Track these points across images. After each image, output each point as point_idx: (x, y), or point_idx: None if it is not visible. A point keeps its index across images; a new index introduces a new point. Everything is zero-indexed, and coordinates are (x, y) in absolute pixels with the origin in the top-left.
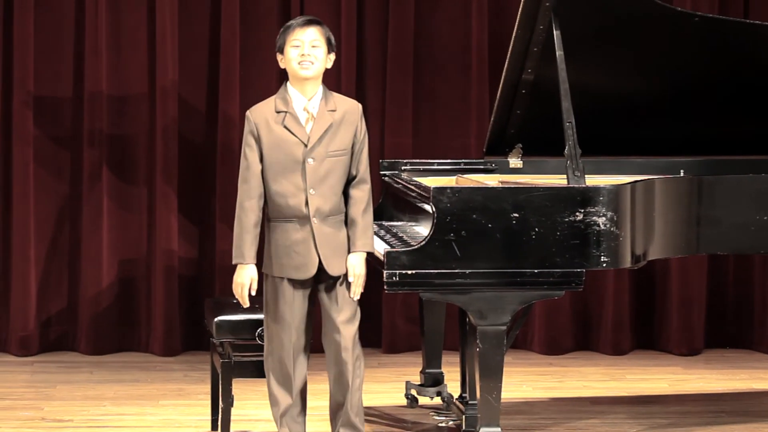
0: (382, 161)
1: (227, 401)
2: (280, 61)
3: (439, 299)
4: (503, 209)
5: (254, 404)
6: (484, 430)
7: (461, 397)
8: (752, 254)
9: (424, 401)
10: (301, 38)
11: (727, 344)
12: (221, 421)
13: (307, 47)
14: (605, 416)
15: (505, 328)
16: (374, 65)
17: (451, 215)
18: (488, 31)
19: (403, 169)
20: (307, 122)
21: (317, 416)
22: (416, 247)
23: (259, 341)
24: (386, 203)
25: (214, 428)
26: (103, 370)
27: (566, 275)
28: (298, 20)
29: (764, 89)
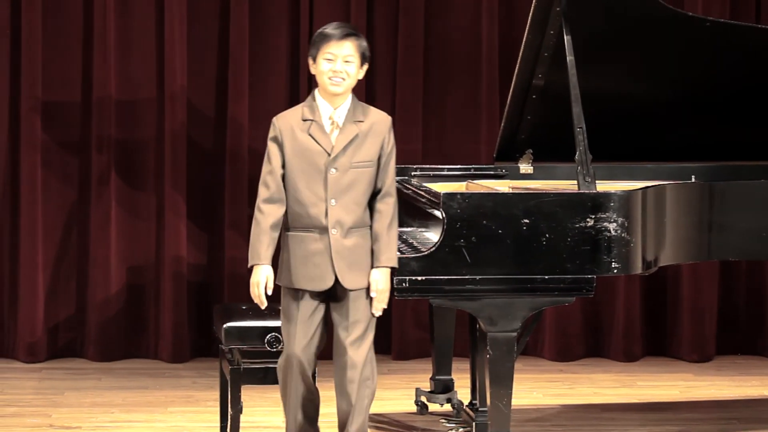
0: None
1: (236, 408)
2: (311, 67)
3: (449, 305)
4: (513, 215)
5: (263, 411)
6: None
7: (471, 403)
8: (764, 260)
9: (434, 408)
10: (335, 52)
11: (738, 351)
12: (230, 428)
13: (339, 63)
14: (616, 423)
15: (515, 334)
16: (384, 71)
17: (461, 221)
18: (498, 36)
19: (413, 174)
20: (332, 131)
21: (328, 423)
22: (426, 253)
23: (268, 348)
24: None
25: None
26: (111, 376)
27: (577, 281)
28: (334, 31)
29: None
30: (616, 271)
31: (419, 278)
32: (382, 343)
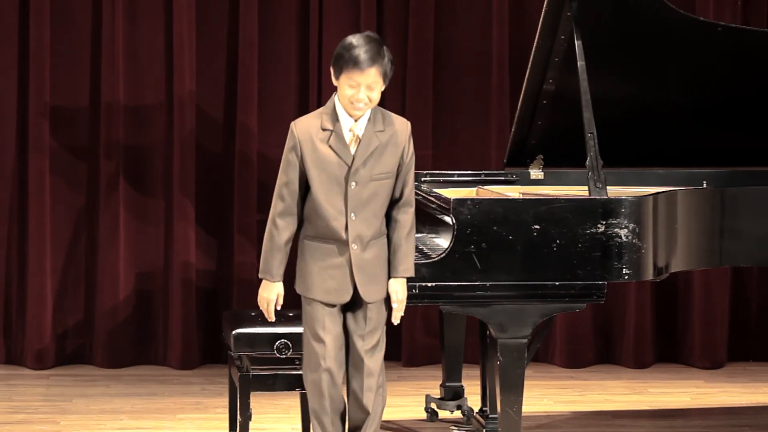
0: None
1: (245, 415)
2: (332, 77)
3: (459, 312)
4: (524, 221)
5: (273, 418)
6: None
7: (482, 410)
8: None
9: (444, 415)
10: (358, 80)
11: (750, 357)
12: None
13: (363, 91)
14: (627, 430)
15: (526, 341)
16: (394, 76)
17: (471, 227)
18: (509, 41)
19: (423, 180)
20: (351, 143)
21: None
22: (436, 259)
23: (277, 354)
24: None
25: None
26: (119, 383)
27: (588, 288)
28: (361, 58)
29: None
30: (627, 277)
31: (429, 284)
32: (391, 349)
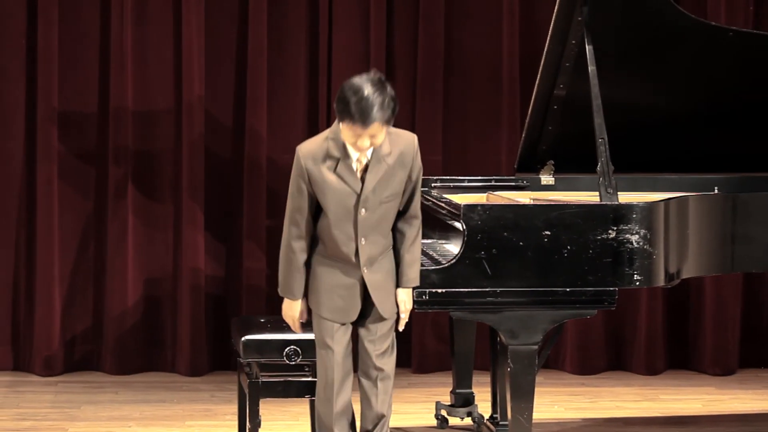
0: None
1: (255, 422)
2: (336, 116)
3: (469, 318)
4: (535, 227)
5: (282, 425)
6: None
7: (492, 417)
8: None
9: (454, 422)
10: (360, 132)
11: (762, 364)
12: None
13: (365, 139)
14: None
15: (536, 347)
16: (403, 81)
17: (481, 233)
18: (519, 45)
19: (433, 186)
20: (359, 170)
21: None
22: (446, 265)
23: (287, 361)
24: None
25: None
26: (128, 390)
27: (599, 294)
28: (363, 111)
29: None
30: (638, 283)
31: (439, 291)
32: (402, 356)
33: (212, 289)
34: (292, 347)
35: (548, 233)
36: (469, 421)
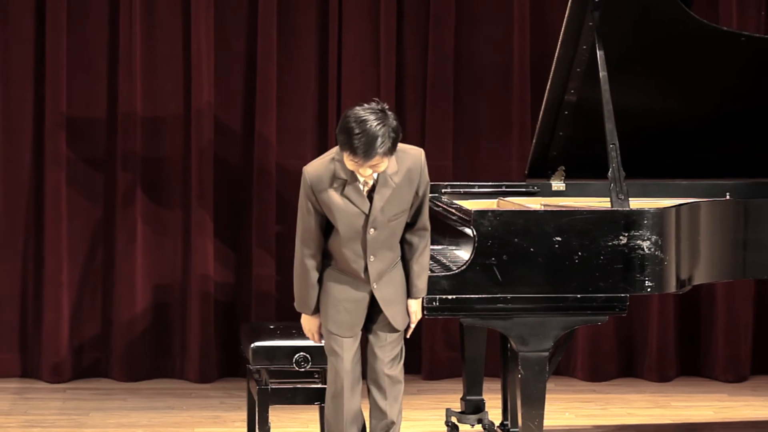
0: None
1: (264, 429)
2: (338, 146)
3: (480, 324)
4: (545, 233)
5: None
6: None
7: (503, 424)
8: None
9: (464, 429)
10: (361, 164)
11: None
12: None
13: (367, 169)
14: None
15: (547, 354)
16: (414, 87)
17: (492, 239)
18: (530, 51)
19: (443, 192)
20: (366, 190)
21: None
22: (457, 271)
23: (296, 367)
24: None
25: None
26: (137, 397)
27: (610, 300)
28: (363, 147)
29: None
30: (649, 289)
31: (450, 297)
32: (412, 362)
33: (221, 295)
34: (301, 354)
35: (559, 239)
36: (479, 428)
